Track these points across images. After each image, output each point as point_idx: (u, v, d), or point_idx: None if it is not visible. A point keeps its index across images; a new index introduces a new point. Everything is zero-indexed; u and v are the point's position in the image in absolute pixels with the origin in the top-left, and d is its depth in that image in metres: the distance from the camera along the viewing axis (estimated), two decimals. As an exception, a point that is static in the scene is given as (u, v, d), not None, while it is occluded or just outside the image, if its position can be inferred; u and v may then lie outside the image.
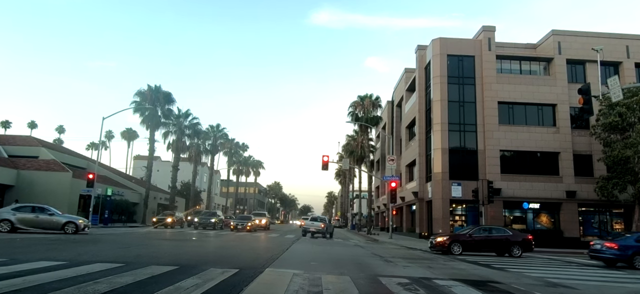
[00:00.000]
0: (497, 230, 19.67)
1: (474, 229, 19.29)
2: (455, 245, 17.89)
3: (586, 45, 31.58)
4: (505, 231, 19.53)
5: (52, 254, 10.04)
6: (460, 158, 31.92)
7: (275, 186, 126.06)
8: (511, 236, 18.86)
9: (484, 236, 18.65)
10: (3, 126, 74.11)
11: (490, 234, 18.84)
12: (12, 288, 5.49)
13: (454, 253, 17.55)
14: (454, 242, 18.04)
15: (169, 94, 43.65)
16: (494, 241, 18.50)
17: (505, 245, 18.25)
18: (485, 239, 18.53)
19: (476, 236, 18.56)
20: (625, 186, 26.78)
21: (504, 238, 18.51)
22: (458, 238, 18.55)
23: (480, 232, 19.02)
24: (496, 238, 18.61)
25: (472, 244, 18.25)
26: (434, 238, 19.07)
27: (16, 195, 31.36)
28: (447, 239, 18.39)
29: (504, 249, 18.28)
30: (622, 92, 15.05)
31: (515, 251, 18.09)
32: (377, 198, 56.20)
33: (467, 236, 18.52)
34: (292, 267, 9.95)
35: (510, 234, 19.12)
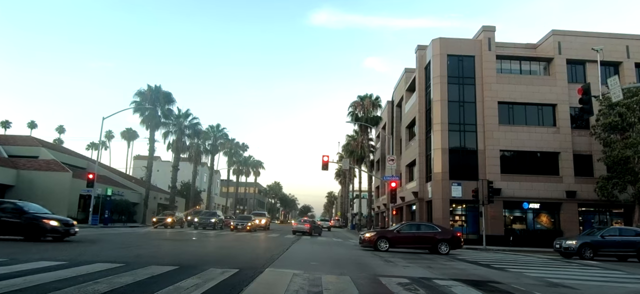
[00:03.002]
0: (425, 226, 19.70)
1: (402, 225, 19.41)
2: (382, 241, 17.85)
3: (586, 45, 31.57)
4: (433, 228, 19.37)
5: (52, 254, 10.04)
6: (460, 158, 31.91)
7: (275, 186, 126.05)
8: (439, 232, 18.62)
9: (412, 232, 18.61)
10: (3, 126, 74.14)
11: (418, 231, 18.81)
12: (12, 288, 5.49)
13: (381, 249, 17.54)
14: (381, 238, 18.00)
15: (169, 94, 43.69)
16: (421, 237, 18.36)
17: (433, 241, 18.05)
18: (412, 235, 18.46)
19: (404, 232, 18.55)
20: (625, 186, 26.79)
21: (431, 235, 18.31)
22: (385, 234, 18.54)
23: (408, 228, 19.03)
24: (423, 234, 18.48)
25: (399, 240, 18.16)
26: (363, 234, 19.06)
27: (16, 195, 31.35)
28: (374, 235, 18.42)
29: (431, 246, 18.10)
30: (622, 92, 15.06)
31: (443, 247, 17.89)
32: (377, 198, 56.19)
33: (395, 232, 18.49)
34: (292, 267, 9.95)
35: (438, 230, 18.91)
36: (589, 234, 20.68)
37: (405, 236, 18.31)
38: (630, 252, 18.98)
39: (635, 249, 18.87)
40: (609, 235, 19.60)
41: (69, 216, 32.94)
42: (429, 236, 18.25)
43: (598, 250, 18.99)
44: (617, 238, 19.43)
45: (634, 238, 19.35)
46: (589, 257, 18.67)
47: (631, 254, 18.97)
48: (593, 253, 18.84)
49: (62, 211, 33.06)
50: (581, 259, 18.51)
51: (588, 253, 18.82)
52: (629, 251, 19.03)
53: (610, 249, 19.23)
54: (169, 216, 36.37)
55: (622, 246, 19.21)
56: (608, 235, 19.58)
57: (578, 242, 19.32)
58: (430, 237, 18.19)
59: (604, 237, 19.40)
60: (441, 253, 17.55)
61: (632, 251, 18.94)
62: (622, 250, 19.17)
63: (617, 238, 19.47)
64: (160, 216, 37.06)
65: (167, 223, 34.81)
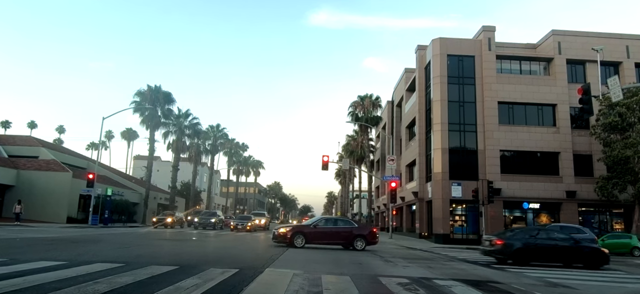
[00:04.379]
0: (343, 222, 19.18)
1: (319, 220, 18.81)
2: (299, 237, 17.13)
3: (586, 45, 31.59)
4: (350, 223, 19.00)
5: (52, 254, 10.04)
6: (460, 158, 31.92)
7: (275, 186, 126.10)
8: (356, 228, 18.24)
9: (329, 228, 18.06)
10: (3, 126, 74.16)
11: (335, 226, 18.31)
12: (12, 288, 5.49)
13: (297, 245, 16.80)
14: (298, 234, 17.28)
15: (169, 94, 43.71)
16: (338, 233, 17.86)
17: (350, 237, 17.63)
18: (330, 230, 17.90)
19: (321, 227, 17.95)
20: (625, 186, 26.81)
21: (348, 230, 17.87)
22: (302, 229, 17.77)
23: (325, 223, 18.51)
24: (341, 229, 17.99)
25: (317, 236, 17.54)
26: (277, 229, 18.07)
27: (16, 195, 31.38)
28: (290, 230, 17.48)
29: (347, 241, 17.69)
30: (622, 92, 15.06)
31: (359, 243, 17.46)
32: (377, 198, 56.20)
33: (312, 227, 17.82)
34: (292, 267, 9.95)
35: (355, 226, 18.59)
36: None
37: (323, 232, 17.74)
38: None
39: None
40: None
41: (68, 216, 33.30)
42: (346, 231, 17.87)
43: None
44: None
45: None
46: None
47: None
48: None
49: (62, 211, 33.17)
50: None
51: None
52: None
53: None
54: (169, 216, 36.41)
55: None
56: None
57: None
58: (347, 233, 17.82)
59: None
60: (357, 249, 17.22)
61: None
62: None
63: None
64: (160, 216, 37.09)
65: (167, 223, 34.85)
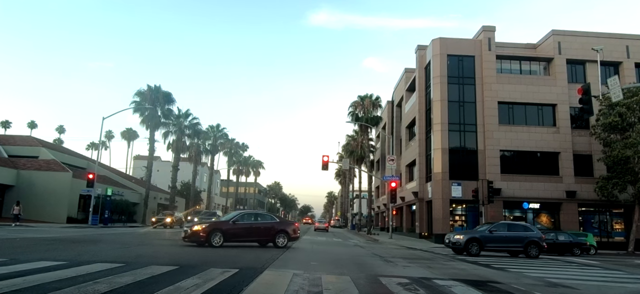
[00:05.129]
0: (264, 216, 17.93)
1: (238, 215, 17.01)
2: (216, 235, 15.26)
3: (586, 45, 31.59)
4: (272, 218, 17.68)
5: (52, 254, 10.04)
6: (460, 158, 31.92)
7: (275, 186, 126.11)
8: (277, 223, 17.06)
9: (250, 223, 16.63)
10: (3, 126, 74.16)
11: (256, 221, 16.88)
12: (12, 288, 5.48)
13: (215, 244, 15.01)
14: (215, 231, 15.42)
15: (169, 94, 43.71)
16: (259, 229, 16.53)
17: (271, 233, 16.44)
18: (250, 226, 16.51)
19: (241, 223, 16.35)
20: (625, 186, 26.81)
21: (270, 225, 16.69)
22: (219, 226, 15.89)
23: (245, 218, 16.86)
24: (262, 225, 16.72)
25: (236, 233, 15.97)
26: (190, 227, 15.85)
27: (16, 195, 31.38)
28: (206, 227, 15.49)
29: (269, 237, 16.43)
30: (622, 92, 15.07)
31: (280, 240, 16.32)
32: (377, 198, 56.21)
33: (231, 223, 16.12)
34: (292, 267, 9.95)
35: (276, 221, 17.36)
36: (476, 229, 20.31)
37: (243, 228, 16.24)
38: (518, 247, 18.57)
39: (522, 245, 18.48)
40: (497, 230, 19.01)
41: (68, 216, 33.27)
42: (268, 226, 16.68)
43: (485, 245, 18.38)
44: (505, 233, 18.89)
45: (522, 233, 18.95)
46: (476, 253, 18.02)
47: (519, 249, 18.60)
48: (480, 248, 18.22)
49: (62, 211, 33.16)
50: (468, 255, 17.89)
51: (474, 248, 18.12)
52: (516, 246, 18.61)
53: (498, 244, 18.72)
54: (168, 215, 36.32)
55: (510, 241, 18.71)
56: (496, 230, 18.99)
57: (465, 237, 18.59)
58: (269, 228, 16.61)
59: (492, 232, 18.80)
60: (279, 246, 16.11)
61: (519, 246, 18.55)
62: (510, 245, 18.74)
63: (505, 233, 18.93)
64: (160, 216, 37.00)
65: (166, 223, 34.78)
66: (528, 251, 18.37)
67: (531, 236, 18.73)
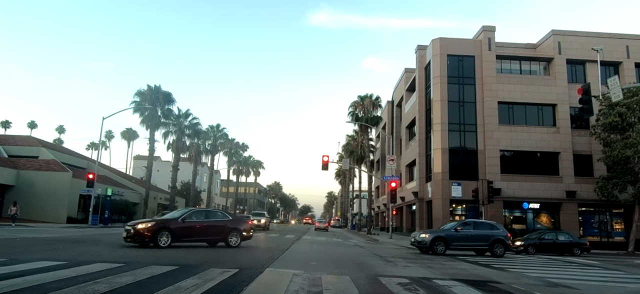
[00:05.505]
0: (214, 214, 16.55)
1: (187, 213, 15.40)
2: (163, 234, 13.72)
3: (586, 45, 31.59)
4: (224, 216, 16.45)
5: (52, 254, 10.04)
6: (460, 158, 31.92)
7: (275, 186, 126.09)
8: (230, 221, 15.82)
9: (201, 221, 15.22)
10: (3, 126, 74.13)
11: (208, 219, 15.50)
12: (12, 288, 5.48)
13: (162, 245, 13.52)
14: (161, 230, 13.81)
15: (169, 94, 43.71)
16: (211, 227, 15.22)
17: (224, 232, 15.25)
18: (202, 225, 15.11)
19: (190, 221, 14.91)
20: (625, 186, 26.80)
21: (222, 224, 15.48)
22: (167, 224, 14.26)
23: (195, 216, 15.37)
24: (214, 223, 15.38)
25: (186, 232, 14.60)
26: (133, 226, 13.98)
27: (16, 195, 31.37)
28: (152, 226, 13.82)
29: (222, 237, 15.22)
30: (622, 92, 15.06)
31: (233, 239, 15.30)
32: (377, 198, 56.20)
33: (180, 221, 14.61)
34: (292, 267, 9.95)
35: (228, 219, 16.02)
36: (442, 228, 20.06)
37: (193, 226, 14.87)
38: (484, 246, 18.33)
39: (488, 243, 18.25)
40: (463, 228, 18.79)
41: (68, 216, 33.22)
42: (220, 225, 15.44)
43: (451, 244, 18.01)
44: (471, 232, 18.65)
45: (488, 231, 18.71)
46: (441, 252, 17.59)
47: (484, 248, 18.35)
48: (446, 247, 17.84)
49: (62, 211, 33.14)
50: (434, 254, 17.39)
51: (440, 247, 17.72)
52: (482, 245, 18.37)
53: (464, 243, 18.43)
54: None
55: (476, 239, 18.46)
56: (462, 228, 18.77)
57: (431, 236, 18.20)
58: (221, 227, 15.39)
59: (458, 230, 18.54)
60: (232, 246, 15.10)
61: (485, 244, 18.30)
62: (476, 244, 18.49)
63: (471, 231, 18.66)
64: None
65: None
66: (494, 249, 18.19)
67: (497, 235, 18.57)
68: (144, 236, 13.59)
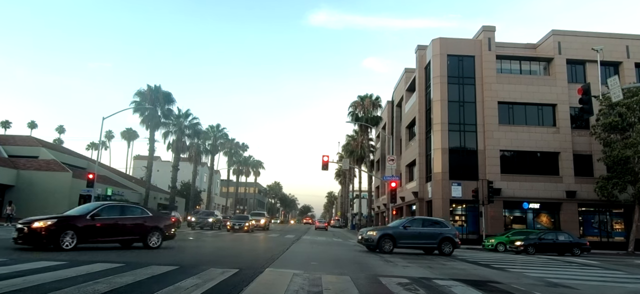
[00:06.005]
0: (131, 210, 13.87)
1: (99, 208, 12.68)
2: (67, 234, 11.35)
3: (586, 45, 31.58)
4: (142, 212, 14.00)
5: (52, 254, 10.03)
6: (460, 158, 31.92)
7: (275, 186, 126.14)
8: (149, 218, 13.62)
9: (113, 219, 12.68)
10: (3, 126, 74.16)
11: (122, 216, 13.07)
12: (12, 288, 5.48)
13: (66, 247, 11.18)
14: (64, 228, 11.41)
15: (169, 94, 43.74)
16: (125, 226, 12.86)
17: (141, 231, 13.18)
18: (113, 222, 12.61)
19: (100, 218, 12.35)
20: (625, 186, 26.80)
21: (139, 222, 13.28)
22: (72, 222, 11.83)
23: (107, 212, 12.74)
24: (129, 221, 13.07)
25: (96, 231, 12.16)
26: (28, 223, 11.28)
27: (16, 195, 31.40)
28: (52, 223, 11.28)
29: (137, 237, 13.16)
30: (622, 92, 15.06)
31: (153, 239, 13.31)
32: (377, 198, 56.18)
33: (88, 219, 12.14)
34: (292, 267, 9.95)
35: (148, 215, 13.83)
36: (389, 225, 19.47)
37: (105, 225, 12.35)
38: (432, 244, 17.73)
39: (436, 241, 17.65)
40: (411, 226, 18.11)
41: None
42: (138, 223, 13.23)
43: (399, 242, 17.36)
44: (419, 229, 17.95)
45: (436, 229, 18.13)
46: (389, 250, 16.95)
47: (433, 246, 17.76)
48: (393, 245, 17.19)
49: (62, 211, 33.13)
50: (381, 252, 16.71)
51: (387, 245, 17.07)
52: (430, 243, 17.76)
53: (412, 240, 17.78)
54: None
55: (424, 237, 17.79)
56: (410, 226, 18.09)
57: (378, 233, 17.48)
58: (138, 225, 13.20)
59: (407, 228, 17.85)
60: (151, 247, 13.14)
61: (433, 242, 17.71)
62: (424, 242, 17.85)
63: (420, 229, 17.98)
64: None
65: None
66: (442, 247, 17.57)
67: (445, 233, 17.99)
68: (40, 236, 11.11)
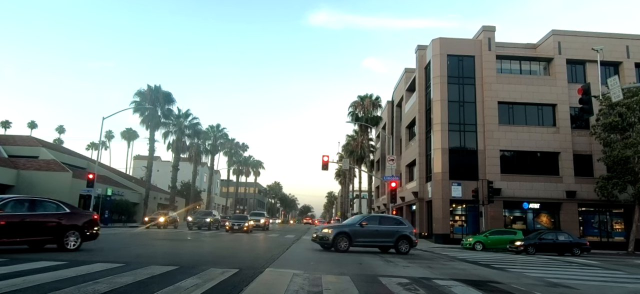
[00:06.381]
0: (43, 205, 11.48)
1: (6, 201, 10.60)
2: None
3: (586, 45, 31.60)
4: (57, 208, 11.64)
5: (52, 254, 10.03)
6: (460, 158, 31.92)
7: (275, 186, 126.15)
8: (67, 215, 11.58)
9: (20, 215, 10.62)
10: (3, 126, 74.14)
11: (33, 212, 10.96)
12: (12, 288, 5.48)
13: None
14: None
15: (169, 94, 43.71)
16: (35, 225, 10.77)
17: (56, 231, 11.11)
18: (21, 220, 10.54)
19: (9, 213, 10.40)
20: (625, 186, 26.80)
21: (53, 221, 11.17)
22: None
23: (17, 207, 10.78)
24: (40, 218, 10.94)
25: None
26: None
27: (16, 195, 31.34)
28: None
29: (50, 237, 11.08)
30: (622, 92, 15.06)
31: (71, 239, 11.32)
32: (377, 198, 56.17)
33: None
34: (292, 267, 9.94)
35: (65, 211, 11.65)
36: (345, 223, 18.82)
37: (10, 223, 10.25)
38: (389, 242, 17.23)
39: (393, 240, 17.12)
40: (369, 223, 17.47)
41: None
42: (52, 221, 11.13)
43: (355, 240, 16.66)
44: (376, 227, 17.31)
45: (393, 227, 17.55)
46: (345, 249, 16.19)
47: (390, 244, 17.26)
48: (349, 244, 16.46)
49: (62, 211, 33.12)
50: (337, 251, 15.95)
51: (343, 243, 16.31)
52: (387, 241, 17.26)
53: (369, 239, 17.14)
54: (161, 215, 34.57)
55: (381, 235, 17.20)
56: (368, 223, 17.45)
57: (334, 231, 16.73)
58: (53, 223, 11.13)
59: (363, 225, 17.17)
60: (69, 248, 11.20)
61: (390, 241, 17.18)
62: (381, 240, 17.28)
63: (377, 226, 17.35)
64: (153, 215, 35.21)
65: (159, 223, 33.15)
66: (398, 246, 17.03)
67: (403, 231, 17.41)
68: None
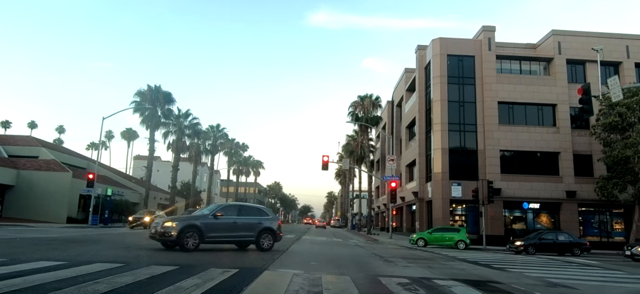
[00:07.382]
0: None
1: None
2: None
3: (586, 45, 31.60)
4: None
5: (52, 254, 10.03)
6: (460, 158, 31.92)
7: (275, 186, 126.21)
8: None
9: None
10: (3, 126, 74.11)
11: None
12: (12, 288, 5.48)
13: None
14: None
15: (169, 94, 43.74)
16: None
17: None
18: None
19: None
20: (625, 186, 26.81)
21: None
22: None
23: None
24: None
25: None
26: None
27: (16, 195, 31.39)
28: None
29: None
30: (622, 92, 15.08)
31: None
32: (377, 198, 56.20)
33: None
34: (292, 267, 9.94)
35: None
36: (195, 214, 14.52)
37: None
38: (249, 237, 13.94)
39: (255, 234, 13.87)
40: (225, 214, 13.70)
41: (68, 216, 33.20)
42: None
43: (207, 235, 13.03)
44: (234, 219, 13.77)
45: (255, 218, 14.20)
46: (193, 247, 12.61)
47: (250, 239, 13.98)
48: (199, 240, 12.79)
49: (62, 211, 33.16)
50: (183, 249, 12.47)
51: (192, 240, 12.67)
52: (247, 236, 13.95)
53: (225, 233, 13.63)
54: (147, 214, 31.86)
55: (240, 229, 13.75)
56: (224, 214, 13.64)
57: (180, 225, 12.73)
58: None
59: (218, 217, 13.43)
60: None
61: (250, 235, 13.89)
62: (239, 234, 13.87)
63: (235, 218, 13.77)
64: (137, 215, 32.37)
65: (145, 223, 29.92)
66: (260, 241, 13.86)
67: (265, 223, 14.21)
68: None
